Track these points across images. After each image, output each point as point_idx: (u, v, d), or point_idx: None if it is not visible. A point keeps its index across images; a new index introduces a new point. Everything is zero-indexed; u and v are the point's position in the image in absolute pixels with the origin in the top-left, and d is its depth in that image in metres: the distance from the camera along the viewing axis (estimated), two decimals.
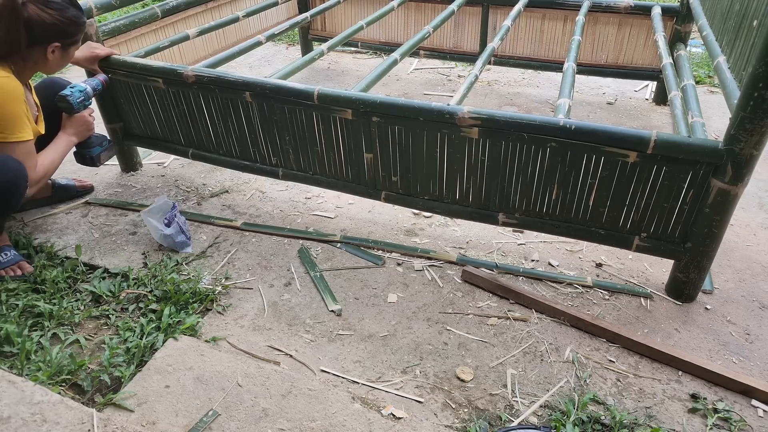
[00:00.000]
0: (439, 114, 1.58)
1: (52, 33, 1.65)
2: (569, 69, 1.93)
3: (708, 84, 3.23)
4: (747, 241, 1.95)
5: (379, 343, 1.56)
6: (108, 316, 1.61)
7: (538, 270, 1.80)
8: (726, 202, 1.44)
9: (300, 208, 2.15)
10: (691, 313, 1.64)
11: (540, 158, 1.56)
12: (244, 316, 1.64)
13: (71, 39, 1.72)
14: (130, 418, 1.29)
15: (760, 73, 1.24)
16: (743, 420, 1.33)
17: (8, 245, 1.78)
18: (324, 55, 2.26)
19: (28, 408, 1.22)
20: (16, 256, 1.75)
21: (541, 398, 1.39)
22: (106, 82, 2.01)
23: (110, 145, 2.09)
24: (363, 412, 1.33)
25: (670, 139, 1.41)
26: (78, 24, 1.71)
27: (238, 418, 1.29)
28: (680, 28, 2.65)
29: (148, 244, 1.92)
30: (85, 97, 1.89)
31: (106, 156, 2.08)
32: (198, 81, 1.86)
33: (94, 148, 2.02)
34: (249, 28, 2.98)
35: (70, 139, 1.90)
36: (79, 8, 1.72)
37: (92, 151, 2.02)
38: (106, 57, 1.98)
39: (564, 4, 2.79)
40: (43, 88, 1.92)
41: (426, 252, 1.87)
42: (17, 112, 1.63)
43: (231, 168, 2.11)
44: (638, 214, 1.57)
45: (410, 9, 3.16)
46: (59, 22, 1.65)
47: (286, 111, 1.81)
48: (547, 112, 2.93)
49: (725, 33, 1.83)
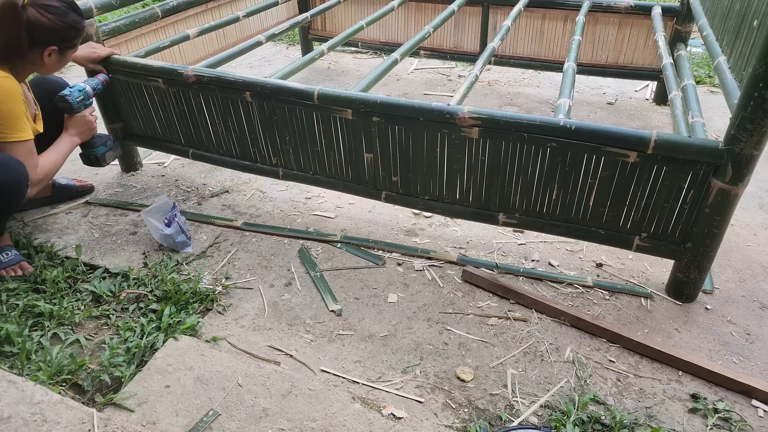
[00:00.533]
0: (440, 114, 1.58)
1: (50, 37, 1.64)
2: (569, 69, 1.93)
3: (708, 84, 3.23)
4: (747, 241, 1.95)
5: (380, 343, 1.56)
6: (108, 316, 1.61)
7: (538, 270, 1.80)
8: (726, 202, 1.44)
9: (300, 208, 2.15)
10: (691, 313, 1.64)
11: (540, 158, 1.56)
12: (244, 316, 1.64)
13: (69, 43, 1.71)
14: (131, 417, 1.29)
15: (761, 73, 1.24)
16: (743, 420, 1.33)
17: (9, 245, 1.78)
18: (324, 55, 2.26)
19: (29, 408, 1.22)
20: (17, 256, 1.75)
21: (541, 398, 1.39)
22: (107, 81, 2.01)
23: (115, 145, 2.09)
24: (363, 412, 1.33)
25: (670, 139, 1.41)
26: (77, 29, 1.70)
27: (239, 418, 1.29)
28: (680, 28, 2.65)
29: (149, 244, 1.92)
30: (84, 97, 1.89)
31: (111, 156, 2.07)
32: (198, 81, 1.86)
33: (98, 147, 2.01)
34: (249, 28, 2.98)
35: (73, 139, 1.90)
36: (80, 13, 1.71)
37: (96, 150, 2.01)
38: (106, 57, 1.98)
39: (564, 4, 2.79)
40: (35, 85, 1.92)
41: (426, 252, 1.87)
42: (17, 112, 1.63)
43: (231, 168, 2.11)
44: (638, 214, 1.57)
45: (410, 9, 3.16)
46: (58, 27, 1.64)
47: (286, 111, 1.81)
48: (547, 112, 2.93)
49: (725, 33, 1.83)
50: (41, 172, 1.75)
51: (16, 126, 1.63)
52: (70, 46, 1.72)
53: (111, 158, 2.08)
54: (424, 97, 3.12)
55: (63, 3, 1.65)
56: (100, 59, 1.98)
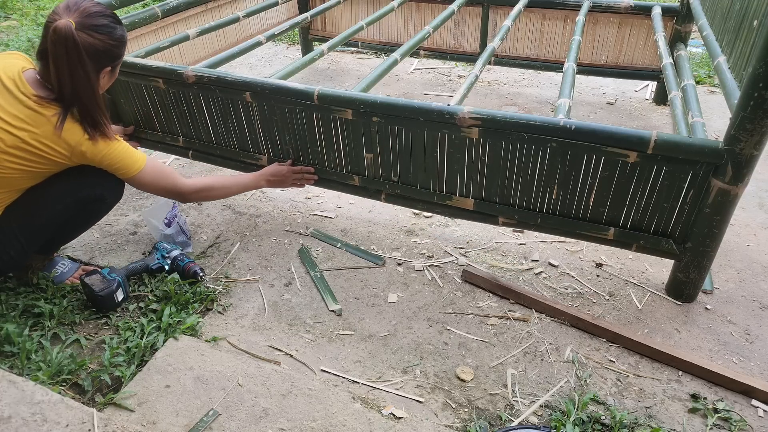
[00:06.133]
0: (440, 114, 1.58)
1: (104, 59, 1.45)
2: (569, 69, 1.93)
3: (708, 84, 3.23)
4: (747, 241, 1.95)
5: (380, 342, 1.56)
6: (108, 315, 1.61)
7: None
8: (726, 202, 1.44)
9: (300, 208, 2.15)
10: (691, 313, 1.64)
11: (540, 158, 1.56)
12: (244, 316, 1.64)
13: (120, 60, 1.54)
14: (131, 417, 1.29)
15: (761, 73, 1.24)
16: (743, 420, 1.33)
17: (60, 255, 1.78)
18: (324, 55, 2.26)
19: (29, 408, 1.22)
20: (73, 264, 1.76)
21: (541, 398, 1.39)
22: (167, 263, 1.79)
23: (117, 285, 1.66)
24: (363, 411, 1.33)
25: (670, 139, 1.41)
26: (125, 43, 1.52)
27: (239, 418, 1.29)
28: (680, 28, 2.65)
29: (149, 244, 1.92)
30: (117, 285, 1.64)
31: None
32: (198, 81, 1.86)
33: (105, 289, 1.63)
34: (249, 28, 2.98)
35: (259, 181, 1.85)
36: (121, 24, 1.52)
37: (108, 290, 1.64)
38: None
39: (564, 4, 2.79)
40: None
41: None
42: (121, 150, 1.53)
43: (231, 168, 2.11)
44: (638, 214, 1.57)
45: (410, 9, 3.16)
46: (111, 47, 1.45)
47: (286, 111, 1.81)
48: (547, 112, 2.93)
49: (725, 33, 1.83)
50: (196, 185, 1.68)
51: (129, 160, 1.54)
52: (120, 61, 1.56)
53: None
54: (424, 97, 3.13)
55: (108, 18, 1.45)
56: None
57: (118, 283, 1.61)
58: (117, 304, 1.63)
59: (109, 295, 1.59)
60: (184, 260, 1.74)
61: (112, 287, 1.60)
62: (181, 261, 1.74)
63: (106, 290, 1.59)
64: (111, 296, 1.60)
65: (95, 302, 1.60)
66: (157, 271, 1.75)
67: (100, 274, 1.62)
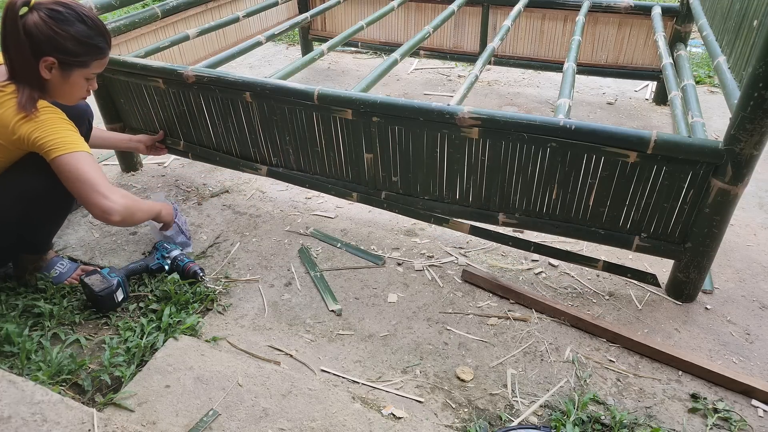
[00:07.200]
0: (439, 114, 1.58)
1: (44, 45, 1.38)
2: (569, 69, 1.93)
3: (708, 84, 3.23)
4: (747, 241, 1.95)
5: (380, 342, 1.56)
6: (108, 315, 1.61)
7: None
8: (726, 202, 1.44)
9: (300, 208, 2.15)
10: (691, 313, 1.64)
11: (540, 158, 1.56)
12: (244, 316, 1.64)
13: (72, 58, 1.43)
14: (131, 417, 1.29)
15: (760, 73, 1.24)
16: (743, 420, 1.33)
17: (58, 256, 1.78)
18: (324, 55, 2.26)
19: (29, 408, 1.22)
20: (72, 264, 1.75)
21: (541, 398, 1.39)
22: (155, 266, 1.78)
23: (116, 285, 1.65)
24: (363, 411, 1.33)
25: (670, 139, 1.41)
26: (80, 42, 1.42)
27: (239, 418, 1.29)
28: (680, 28, 2.65)
29: (148, 244, 1.92)
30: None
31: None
32: (198, 81, 1.86)
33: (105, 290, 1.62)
34: (249, 28, 2.98)
35: (160, 209, 1.75)
36: (94, 29, 1.44)
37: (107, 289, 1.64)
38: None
39: (564, 4, 2.79)
40: None
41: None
42: (49, 124, 1.44)
43: (231, 168, 2.11)
44: (638, 214, 1.57)
45: (410, 9, 3.16)
46: (56, 36, 1.38)
47: (286, 111, 1.81)
48: (547, 112, 2.93)
49: (725, 33, 1.83)
50: (123, 202, 1.49)
51: (53, 138, 1.42)
52: (76, 63, 1.44)
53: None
54: (424, 97, 3.13)
55: (72, 12, 1.40)
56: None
57: (118, 283, 1.61)
58: (117, 304, 1.63)
59: (109, 295, 1.59)
60: (184, 260, 1.75)
61: (112, 287, 1.60)
62: (181, 261, 1.74)
63: (106, 290, 1.59)
64: (111, 296, 1.60)
65: (95, 302, 1.60)
66: (157, 271, 1.75)
67: (100, 274, 1.62)
